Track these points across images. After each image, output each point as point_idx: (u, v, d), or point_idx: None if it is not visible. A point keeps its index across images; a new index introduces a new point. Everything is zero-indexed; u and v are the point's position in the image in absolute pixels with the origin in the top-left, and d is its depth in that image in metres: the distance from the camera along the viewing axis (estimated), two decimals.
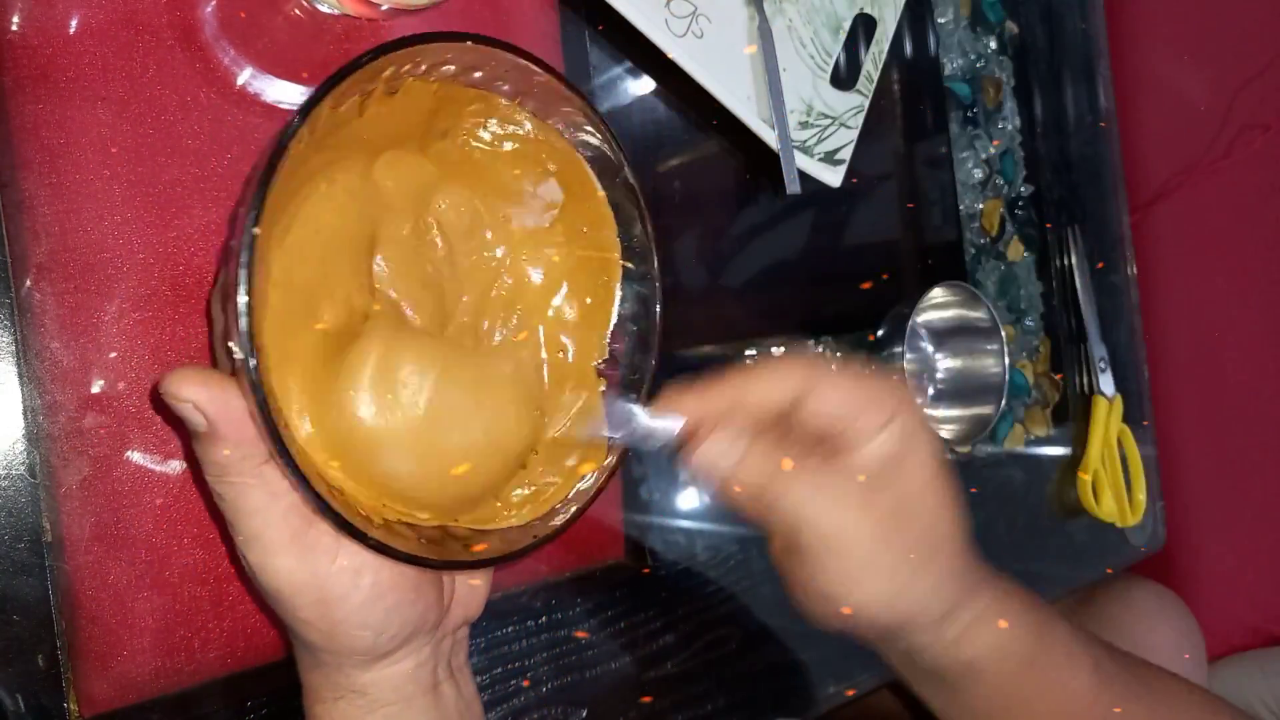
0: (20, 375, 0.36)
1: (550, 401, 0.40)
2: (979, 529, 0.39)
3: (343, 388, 0.34)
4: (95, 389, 0.37)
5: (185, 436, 0.39)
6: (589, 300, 0.41)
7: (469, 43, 0.33)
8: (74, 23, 0.37)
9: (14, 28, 0.36)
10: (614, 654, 0.52)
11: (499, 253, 0.40)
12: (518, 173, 0.39)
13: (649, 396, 0.39)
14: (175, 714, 0.39)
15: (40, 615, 0.36)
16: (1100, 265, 0.83)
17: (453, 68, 0.34)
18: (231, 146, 0.40)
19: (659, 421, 0.36)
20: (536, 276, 0.41)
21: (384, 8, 0.37)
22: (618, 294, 0.40)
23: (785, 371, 0.36)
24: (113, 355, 0.38)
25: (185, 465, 0.39)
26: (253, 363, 0.28)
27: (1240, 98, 1.15)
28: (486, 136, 0.38)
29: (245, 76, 0.40)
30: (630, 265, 0.40)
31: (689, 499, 0.56)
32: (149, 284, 0.38)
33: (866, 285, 0.65)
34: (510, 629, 0.48)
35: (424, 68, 0.34)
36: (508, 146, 0.39)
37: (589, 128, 0.38)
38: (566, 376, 0.41)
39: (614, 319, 0.41)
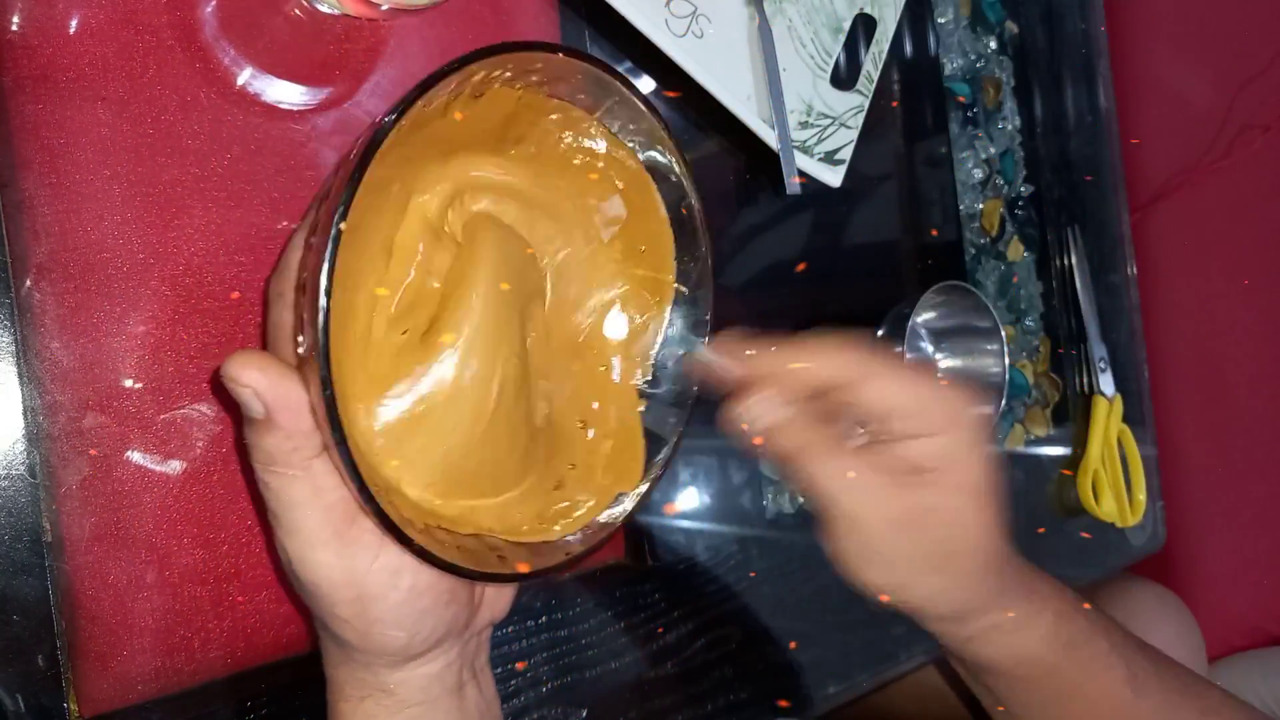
0: (20, 375, 0.36)
1: (595, 416, 0.41)
2: None
3: (416, 408, 0.34)
4: (95, 389, 0.37)
5: (189, 436, 0.39)
6: (638, 319, 0.41)
7: (560, 55, 0.33)
8: (74, 23, 0.37)
9: (14, 28, 0.36)
10: (614, 654, 0.52)
11: (561, 260, 0.41)
12: (586, 186, 0.40)
13: (689, 420, 0.40)
14: (175, 714, 0.39)
15: (40, 615, 0.36)
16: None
17: (537, 77, 0.35)
18: (231, 146, 0.40)
19: (713, 358, 0.37)
20: (591, 290, 0.41)
21: (384, 7, 0.37)
22: (667, 316, 0.41)
23: (851, 351, 0.37)
24: (113, 355, 0.38)
25: (185, 465, 0.39)
26: (324, 357, 0.28)
27: (1240, 98, 1.15)
28: (560, 147, 0.39)
29: (245, 76, 0.40)
30: (684, 289, 0.40)
31: (689, 499, 0.56)
32: (149, 284, 0.38)
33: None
34: (510, 629, 0.48)
35: (510, 74, 0.34)
36: (578, 160, 0.39)
37: (660, 149, 0.38)
38: (610, 394, 0.41)
39: (661, 340, 0.41)
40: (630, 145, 0.38)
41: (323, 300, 0.28)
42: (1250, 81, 1.15)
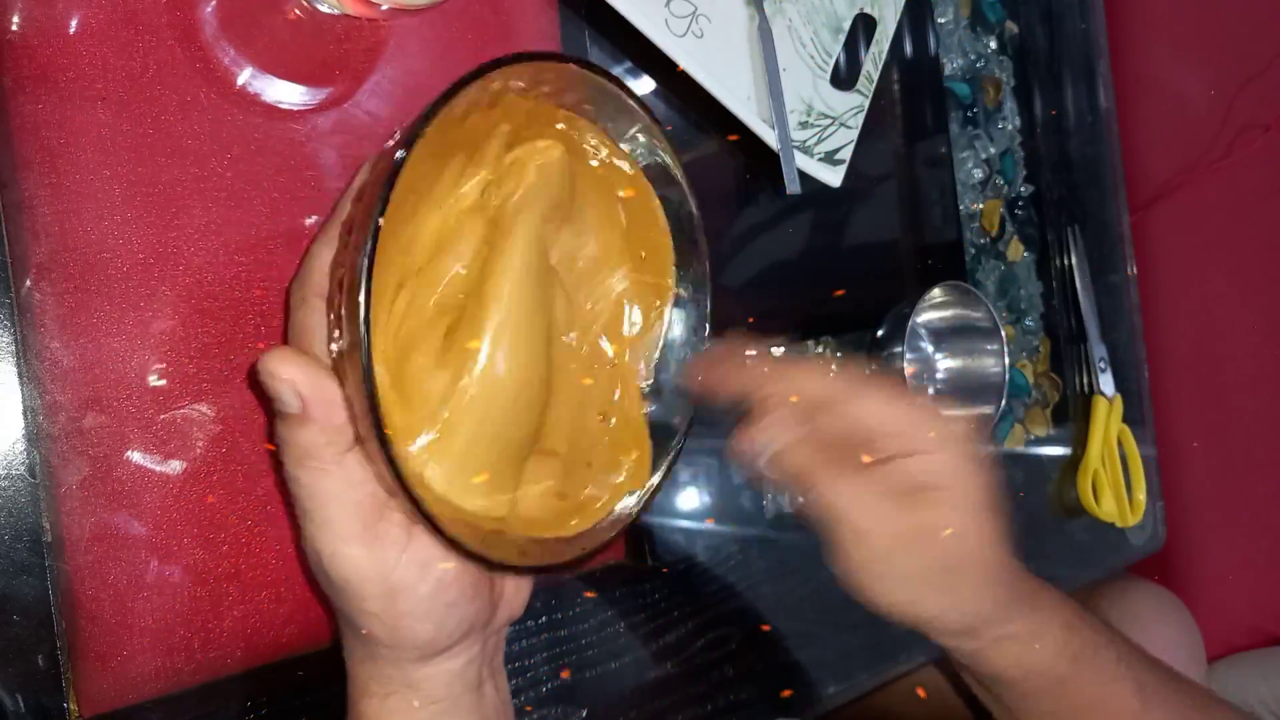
0: (20, 375, 0.36)
1: (609, 414, 0.41)
2: None
3: (449, 376, 0.35)
4: (95, 389, 0.37)
5: (189, 436, 0.39)
6: (639, 324, 0.42)
7: (572, 65, 0.34)
8: (74, 23, 0.37)
9: (14, 28, 0.36)
10: (614, 654, 0.52)
11: (575, 262, 0.41)
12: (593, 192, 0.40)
13: (691, 423, 0.40)
14: (175, 714, 0.39)
15: (40, 615, 0.36)
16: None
17: (549, 88, 0.36)
18: (231, 146, 0.40)
19: (707, 370, 0.38)
20: (597, 294, 0.41)
21: (384, 7, 0.37)
22: (667, 319, 0.41)
23: (834, 374, 0.38)
24: (113, 355, 0.38)
25: (185, 465, 0.39)
26: (366, 351, 0.29)
27: (1240, 98, 1.15)
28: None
29: (245, 76, 0.40)
30: (683, 293, 0.41)
31: (689, 499, 0.56)
32: (149, 284, 0.38)
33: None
34: (510, 629, 0.48)
35: (525, 83, 0.35)
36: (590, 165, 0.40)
37: (661, 156, 0.39)
38: (620, 395, 0.42)
39: (661, 343, 0.42)
40: (630, 153, 0.39)
41: (363, 296, 0.29)
42: (1250, 81, 1.15)
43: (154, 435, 0.38)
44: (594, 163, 0.39)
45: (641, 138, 0.39)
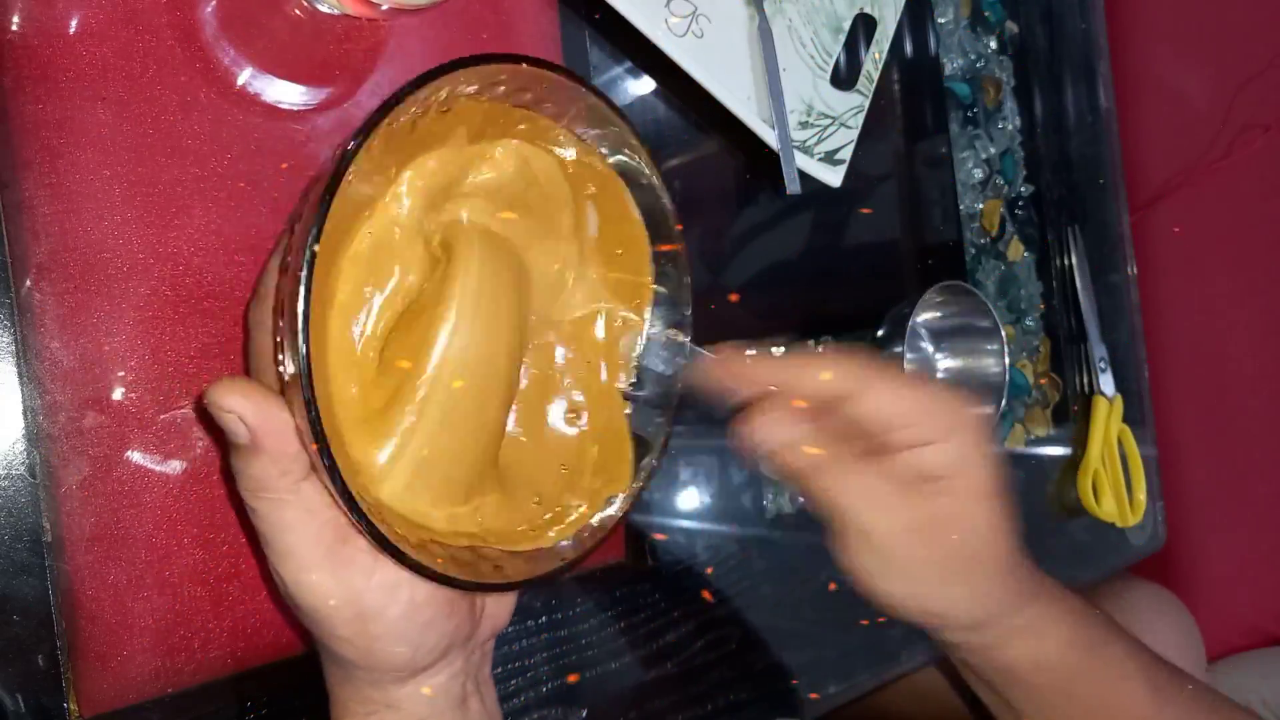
0: (20, 375, 0.36)
1: (591, 418, 0.41)
2: None
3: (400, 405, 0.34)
4: (95, 389, 0.37)
5: (189, 436, 0.39)
6: (618, 322, 0.41)
7: (524, 65, 0.33)
8: (74, 23, 0.37)
9: (14, 28, 0.36)
10: (614, 654, 0.52)
11: (543, 265, 0.40)
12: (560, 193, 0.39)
13: (674, 421, 0.40)
14: (175, 714, 0.39)
15: (40, 615, 0.36)
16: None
17: (504, 88, 0.35)
18: (231, 146, 0.40)
19: (712, 371, 0.38)
20: (572, 295, 0.41)
21: (384, 7, 0.37)
22: (647, 317, 0.41)
23: (845, 363, 0.37)
24: (113, 355, 0.38)
25: (185, 465, 0.39)
26: (307, 379, 0.28)
27: (1240, 98, 1.15)
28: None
29: (245, 76, 0.40)
30: (662, 289, 0.40)
31: (689, 499, 0.56)
32: (149, 284, 0.38)
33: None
34: (510, 629, 0.48)
35: (476, 87, 0.34)
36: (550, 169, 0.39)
37: (628, 151, 0.38)
38: (595, 397, 0.41)
39: (643, 342, 0.41)
40: (597, 148, 0.38)
41: (301, 322, 0.28)
42: (1250, 81, 1.15)
43: (154, 435, 0.38)
44: (561, 160, 0.38)
45: (607, 133, 0.38)
